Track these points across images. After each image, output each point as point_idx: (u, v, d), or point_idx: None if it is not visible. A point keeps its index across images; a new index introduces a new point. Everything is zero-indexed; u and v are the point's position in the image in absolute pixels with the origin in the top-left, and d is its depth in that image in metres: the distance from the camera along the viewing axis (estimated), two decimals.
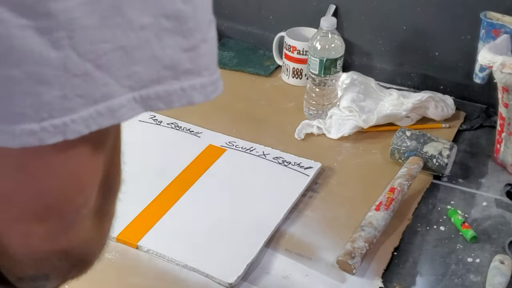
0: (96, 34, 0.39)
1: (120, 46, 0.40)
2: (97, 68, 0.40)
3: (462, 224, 1.07)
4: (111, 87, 0.40)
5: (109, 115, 0.41)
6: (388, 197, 1.07)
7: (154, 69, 0.41)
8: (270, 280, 0.98)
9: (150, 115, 1.33)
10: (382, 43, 1.45)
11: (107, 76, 0.40)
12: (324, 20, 1.31)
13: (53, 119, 0.39)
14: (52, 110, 0.39)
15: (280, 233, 1.06)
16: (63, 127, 0.39)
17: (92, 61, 0.39)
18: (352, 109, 1.29)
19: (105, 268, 0.99)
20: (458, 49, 1.38)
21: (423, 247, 1.04)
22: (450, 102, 1.34)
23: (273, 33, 1.50)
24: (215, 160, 1.21)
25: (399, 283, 0.97)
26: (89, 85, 0.40)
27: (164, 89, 0.42)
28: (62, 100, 0.39)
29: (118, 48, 0.40)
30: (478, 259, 1.02)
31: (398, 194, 1.08)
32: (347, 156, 1.25)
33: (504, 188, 1.16)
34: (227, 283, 0.96)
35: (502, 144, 1.20)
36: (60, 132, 0.39)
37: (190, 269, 0.99)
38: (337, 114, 1.30)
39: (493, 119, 1.28)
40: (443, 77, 1.42)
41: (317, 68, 1.31)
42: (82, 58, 0.39)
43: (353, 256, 0.97)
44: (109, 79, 0.40)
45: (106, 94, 0.40)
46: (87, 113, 0.40)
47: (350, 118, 1.29)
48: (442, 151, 1.15)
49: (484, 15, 1.20)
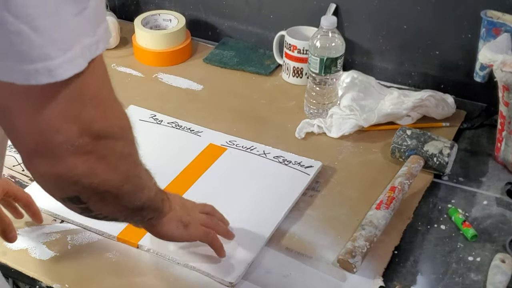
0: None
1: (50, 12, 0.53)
2: (32, 30, 0.53)
3: (463, 223, 1.07)
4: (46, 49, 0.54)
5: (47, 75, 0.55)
6: (388, 196, 1.07)
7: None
8: (271, 279, 0.98)
9: (151, 115, 1.34)
10: (382, 42, 1.45)
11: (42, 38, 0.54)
12: (324, 19, 1.31)
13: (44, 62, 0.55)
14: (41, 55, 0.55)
15: (280, 232, 1.06)
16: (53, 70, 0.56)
17: (26, 23, 0.52)
18: (353, 108, 1.29)
19: (106, 268, 0.99)
20: (458, 48, 1.38)
21: (423, 246, 1.04)
22: (450, 101, 1.34)
23: (274, 32, 1.50)
24: (216, 159, 1.21)
25: (399, 282, 0.98)
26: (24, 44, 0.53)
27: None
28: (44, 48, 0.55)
29: (49, 14, 0.53)
30: (479, 257, 1.02)
31: (398, 193, 1.08)
32: (347, 155, 1.25)
33: (504, 187, 1.16)
34: (228, 282, 0.96)
35: (503, 142, 1.20)
36: (51, 75, 0.56)
37: (190, 268, 0.99)
38: (338, 113, 1.30)
39: (494, 117, 1.28)
40: (443, 76, 1.42)
41: (317, 67, 1.31)
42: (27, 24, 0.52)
43: (354, 255, 0.97)
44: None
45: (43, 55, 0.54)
46: (62, 59, 0.55)
47: (351, 117, 1.29)
48: (442, 150, 1.15)
49: (485, 13, 1.20)
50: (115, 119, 0.66)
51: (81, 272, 0.98)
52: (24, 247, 1.02)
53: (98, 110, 0.62)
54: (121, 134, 0.67)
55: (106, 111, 0.63)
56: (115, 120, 0.65)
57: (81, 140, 0.61)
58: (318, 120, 1.31)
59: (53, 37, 0.55)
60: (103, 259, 1.01)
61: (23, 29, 0.54)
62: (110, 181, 0.68)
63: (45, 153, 0.61)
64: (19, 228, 1.05)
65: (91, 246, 1.03)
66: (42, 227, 1.06)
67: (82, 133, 0.61)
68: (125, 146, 0.68)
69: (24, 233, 1.05)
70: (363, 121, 1.28)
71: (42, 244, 1.03)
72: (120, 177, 0.69)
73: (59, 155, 0.61)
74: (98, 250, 1.03)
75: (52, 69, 0.56)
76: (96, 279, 0.98)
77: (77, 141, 0.61)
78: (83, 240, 1.04)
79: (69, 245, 1.03)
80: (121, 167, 0.68)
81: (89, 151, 0.63)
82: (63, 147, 0.60)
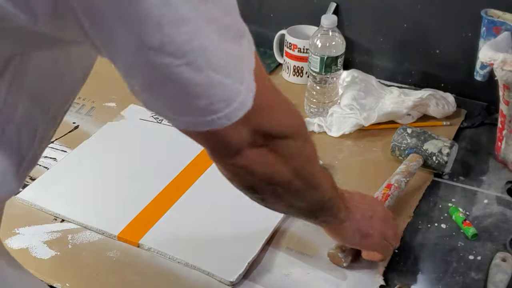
0: (217, 52, 0.58)
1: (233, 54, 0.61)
2: (225, 76, 0.59)
3: (463, 221, 1.07)
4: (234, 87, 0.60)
5: (241, 108, 0.61)
6: (384, 193, 1.07)
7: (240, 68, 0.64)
8: (271, 278, 0.98)
9: (151, 114, 1.33)
10: (383, 41, 1.45)
11: (230, 80, 0.60)
12: (324, 18, 1.31)
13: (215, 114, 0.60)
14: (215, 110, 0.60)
15: (281, 231, 1.06)
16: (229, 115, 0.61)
17: (221, 73, 0.59)
18: (353, 107, 1.29)
19: (107, 267, 0.99)
20: (459, 47, 1.38)
21: (424, 245, 1.04)
22: (451, 99, 1.34)
23: (274, 31, 1.50)
24: None
25: (400, 280, 0.97)
26: (223, 90, 0.60)
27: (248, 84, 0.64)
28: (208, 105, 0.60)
29: (233, 56, 0.60)
30: (479, 256, 1.02)
31: (394, 190, 1.08)
32: (348, 154, 1.25)
33: (505, 186, 1.16)
34: (229, 281, 0.96)
35: (503, 141, 1.20)
36: (227, 119, 0.61)
37: (191, 267, 0.99)
38: (338, 112, 1.30)
39: (494, 116, 1.28)
40: (444, 75, 1.42)
41: (318, 66, 1.31)
42: (216, 72, 0.58)
43: (344, 250, 0.97)
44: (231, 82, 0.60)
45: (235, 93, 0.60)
46: (228, 110, 0.61)
47: (351, 116, 1.29)
48: (442, 149, 1.15)
49: (485, 12, 1.20)
50: (284, 119, 0.70)
51: (81, 271, 0.98)
52: (24, 246, 1.02)
53: (267, 115, 0.67)
54: (291, 133, 0.71)
55: (274, 114, 0.68)
56: (283, 120, 0.70)
57: (255, 138, 0.67)
58: (318, 119, 1.31)
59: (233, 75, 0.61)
60: (104, 258, 1.01)
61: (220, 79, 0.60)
62: (281, 173, 0.72)
63: (225, 149, 0.67)
64: (19, 228, 1.05)
65: (91, 245, 1.03)
66: (43, 226, 1.06)
67: (254, 134, 0.66)
68: (296, 143, 0.72)
69: (25, 232, 1.05)
70: (363, 120, 1.28)
71: (43, 243, 1.03)
72: (291, 172, 0.73)
73: (236, 150, 0.67)
74: (98, 249, 1.03)
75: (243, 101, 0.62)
76: (96, 278, 0.98)
77: (251, 139, 0.66)
78: (83, 239, 1.04)
79: (69, 244, 1.03)
80: (292, 162, 0.72)
81: (262, 145, 0.68)
82: (239, 144, 0.66)
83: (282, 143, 0.70)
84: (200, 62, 0.57)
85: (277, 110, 0.69)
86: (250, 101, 0.62)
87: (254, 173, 0.71)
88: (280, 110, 0.70)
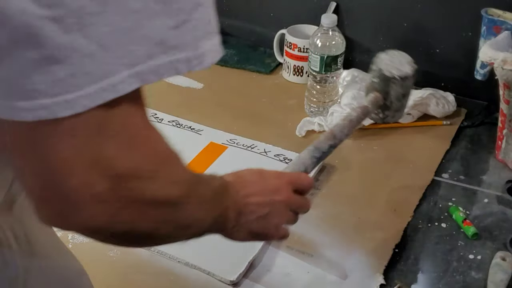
0: (99, 19, 0.45)
1: (117, 28, 0.46)
2: (100, 48, 0.46)
3: (464, 221, 1.07)
4: (111, 65, 0.46)
5: (111, 90, 0.47)
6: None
7: (146, 47, 0.47)
8: (272, 278, 0.98)
9: (151, 113, 1.33)
10: (382, 40, 1.45)
11: (108, 56, 0.46)
12: (324, 17, 1.31)
13: (65, 94, 0.45)
14: (63, 87, 0.45)
15: None
16: (72, 102, 0.45)
17: (96, 43, 0.45)
18: (353, 106, 1.29)
19: (107, 266, 0.99)
20: (459, 46, 1.37)
21: (424, 244, 1.04)
22: (451, 99, 1.34)
23: (274, 30, 1.50)
24: (217, 157, 1.21)
25: (400, 280, 0.97)
26: (93, 64, 0.46)
27: (154, 63, 0.48)
28: (71, 77, 0.45)
29: (116, 30, 0.46)
30: (480, 256, 1.02)
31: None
32: (348, 153, 1.25)
33: (505, 185, 1.16)
34: (229, 280, 0.96)
35: (503, 140, 1.20)
36: (70, 106, 0.45)
37: (191, 266, 0.99)
38: (338, 111, 1.30)
39: (494, 116, 1.28)
40: (444, 74, 1.42)
41: (318, 65, 1.31)
42: (88, 40, 0.45)
43: None
44: (109, 58, 0.46)
45: (107, 72, 0.46)
46: (93, 88, 0.46)
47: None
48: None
49: (485, 11, 1.20)
50: (145, 157, 0.54)
51: None
52: None
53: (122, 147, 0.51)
54: (152, 175, 0.54)
55: (133, 147, 0.52)
56: (145, 158, 0.53)
57: (101, 186, 0.49)
58: (318, 118, 1.31)
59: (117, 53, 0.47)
60: (104, 257, 1.01)
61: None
62: (139, 228, 0.55)
63: (56, 201, 0.49)
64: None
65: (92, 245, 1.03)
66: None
67: (101, 176, 0.49)
68: (159, 189, 0.55)
69: None
70: None
71: None
72: (151, 225, 0.56)
73: (74, 203, 0.49)
74: (98, 248, 1.02)
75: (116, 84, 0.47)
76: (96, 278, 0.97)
77: (96, 187, 0.49)
78: (84, 239, 1.04)
79: (70, 244, 1.03)
80: (152, 212, 0.55)
81: (110, 198, 0.50)
82: (78, 193, 0.48)
83: (139, 190, 0.53)
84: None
85: (142, 143, 0.54)
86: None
87: (102, 232, 0.54)
88: (146, 144, 0.55)
